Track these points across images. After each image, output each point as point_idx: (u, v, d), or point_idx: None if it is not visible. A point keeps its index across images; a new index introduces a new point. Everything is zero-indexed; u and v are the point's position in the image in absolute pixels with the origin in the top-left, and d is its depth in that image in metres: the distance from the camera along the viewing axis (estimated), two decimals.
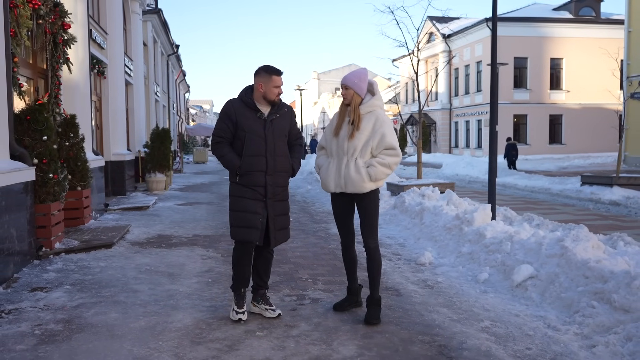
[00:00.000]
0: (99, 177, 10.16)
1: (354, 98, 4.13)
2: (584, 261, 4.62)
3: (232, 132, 4.02)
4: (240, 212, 3.98)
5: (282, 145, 4.09)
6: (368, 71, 4.28)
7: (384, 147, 4.10)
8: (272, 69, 4.04)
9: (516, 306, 4.52)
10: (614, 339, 3.62)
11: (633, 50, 23.56)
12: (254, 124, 3.98)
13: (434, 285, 5.19)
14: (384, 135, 4.08)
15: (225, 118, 4.03)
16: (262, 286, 4.23)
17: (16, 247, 5.50)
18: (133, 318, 4.14)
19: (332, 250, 6.77)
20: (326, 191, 4.25)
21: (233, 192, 4.08)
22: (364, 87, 4.16)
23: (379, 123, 4.10)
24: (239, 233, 4.00)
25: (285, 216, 4.16)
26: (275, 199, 4.05)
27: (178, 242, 7.32)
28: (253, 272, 4.22)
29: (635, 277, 4.06)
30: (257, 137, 3.96)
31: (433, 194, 9.02)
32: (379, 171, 4.05)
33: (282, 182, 4.10)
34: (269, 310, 4.18)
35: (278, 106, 4.10)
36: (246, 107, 4.01)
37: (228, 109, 4.03)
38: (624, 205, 11.45)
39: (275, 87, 4.01)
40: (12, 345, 3.57)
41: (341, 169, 4.10)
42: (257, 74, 4.05)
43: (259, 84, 4.01)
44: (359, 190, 4.07)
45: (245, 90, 4.12)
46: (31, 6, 6.51)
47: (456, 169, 22.01)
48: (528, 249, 5.39)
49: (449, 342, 3.70)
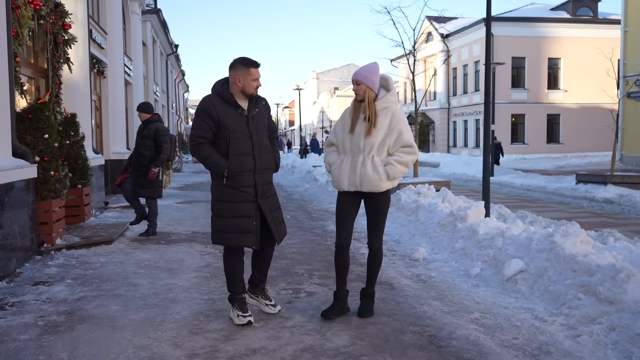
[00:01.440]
0: (98, 175, 10.28)
1: (368, 93, 3.97)
2: (572, 255, 4.74)
3: (213, 131, 3.78)
4: (231, 218, 3.78)
5: (266, 141, 3.94)
6: (379, 65, 4.12)
7: (402, 144, 3.99)
8: (250, 61, 3.82)
9: (506, 299, 4.64)
10: (598, 329, 3.75)
11: (629, 50, 23.72)
12: (237, 121, 3.78)
13: (427, 280, 5.32)
14: (401, 132, 3.97)
15: (206, 117, 3.76)
16: (262, 280, 4.15)
17: (18, 243, 5.62)
18: (133, 310, 4.27)
19: (329, 247, 6.89)
20: (338, 189, 4.11)
21: (218, 196, 3.85)
22: (376, 81, 4.01)
23: (395, 120, 3.97)
24: (233, 239, 3.81)
25: (279, 210, 4.06)
26: (265, 197, 3.91)
27: (177, 239, 7.45)
28: (254, 268, 4.13)
29: (620, 270, 4.18)
30: (243, 135, 3.78)
31: (428, 191, 9.14)
32: (397, 170, 3.95)
33: (269, 179, 3.98)
34: (270, 305, 4.12)
35: (256, 100, 3.91)
36: (226, 104, 3.79)
37: (207, 107, 3.78)
38: (617, 203, 11.61)
39: (254, 80, 3.82)
40: (17, 335, 3.69)
41: (357, 167, 3.96)
42: (233, 67, 3.83)
43: (237, 77, 3.79)
44: (375, 190, 3.97)
45: (222, 85, 3.87)
46: (33, 7, 6.64)
47: (453, 168, 22.16)
48: (519, 244, 5.51)
49: (439, 333, 3.83)
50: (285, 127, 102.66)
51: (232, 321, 3.94)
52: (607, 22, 34.73)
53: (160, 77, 25.68)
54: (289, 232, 7.79)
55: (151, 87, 21.33)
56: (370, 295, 4.19)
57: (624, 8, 24.01)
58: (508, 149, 34.33)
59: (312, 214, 10.13)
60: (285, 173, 19.92)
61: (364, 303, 4.17)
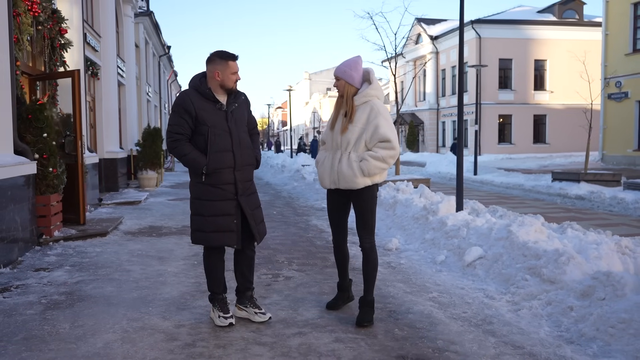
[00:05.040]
0: (93, 173, 10.72)
1: (347, 88, 3.90)
2: (524, 242, 5.27)
3: (191, 127, 3.68)
4: (210, 217, 3.70)
5: (246, 137, 3.84)
6: (361, 59, 4.02)
7: (378, 139, 3.83)
8: (228, 54, 3.72)
9: (464, 281, 5.16)
10: (537, 304, 4.28)
11: (610, 52, 24.39)
12: (215, 117, 3.68)
13: (396, 266, 5.82)
14: (378, 126, 3.82)
15: (183, 112, 3.66)
16: (248, 287, 3.97)
17: (20, 234, 6.08)
18: (127, 291, 4.75)
19: (310, 239, 7.39)
20: (322, 187, 4.06)
21: (197, 194, 3.78)
22: (356, 76, 3.90)
23: (373, 114, 3.85)
24: (213, 239, 3.72)
25: (259, 209, 3.95)
26: (246, 194, 3.82)
27: (168, 232, 7.92)
28: (237, 274, 3.97)
29: (562, 254, 4.71)
30: (222, 131, 3.68)
31: (407, 188, 9.66)
32: (372, 165, 3.81)
33: (249, 176, 3.87)
34: (259, 314, 3.92)
35: (235, 95, 3.81)
36: (204, 99, 3.69)
37: (184, 102, 3.66)
38: (588, 199, 12.21)
39: (233, 74, 3.72)
40: (23, 310, 4.17)
41: (335, 164, 3.91)
42: (211, 61, 3.72)
43: (215, 72, 3.69)
44: (352, 186, 3.87)
45: (199, 79, 3.76)
46: (32, 14, 7.09)
47: (439, 167, 22.74)
48: (481, 233, 6.03)
49: (399, 308, 4.33)
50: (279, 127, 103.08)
51: (213, 322, 3.87)
52: (592, 25, 35.46)
53: (153, 78, 26.09)
54: (273, 226, 8.30)
55: (144, 88, 21.75)
56: (369, 304, 3.99)
57: (604, 12, 24.71)
58: (495, 149, 35.04)
59: (298, 209, 10.62)
60: (275, 172, 20.40)
61: (363, 312, 3.96)
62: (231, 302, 4.07)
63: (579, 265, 4.56)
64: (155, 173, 15.33)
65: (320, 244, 6.96)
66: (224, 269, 3.94)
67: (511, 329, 3.87)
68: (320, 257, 6.23)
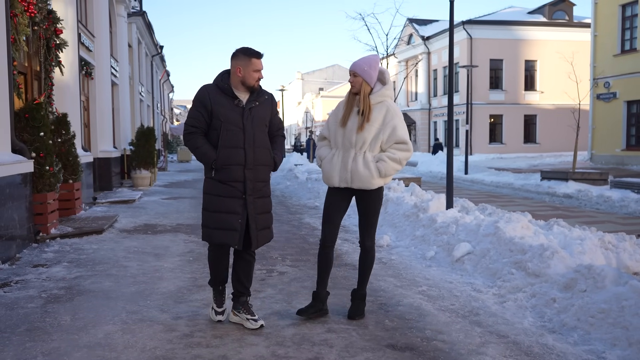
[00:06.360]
0: (87, 172, 10.81)
1: (363, 87, 3.85)
2: (510, 238, 5.45)
3: (206, 121, 3.66)
4: (215, 213, 3.68)
5: (262, 136, 3.74)
6: (379, 58, 4.04)
7: (395, 140, 3.84)
8: (252, 51, 3.68)
9: (452, 276, 5.32)
10: (522, 296, 4.45)
11: (599, 53, 24.71)
12: (231, 112, 3.63)
13: (387, 262, 5.98)
14: (395, 128, 3.83)
15: (200, 106, 3.66)
16: (243, 292, 3.88)
17: (17, 231, 6.18)
18: (125, 286, 4.87)
19: (302, 236, 7.53)
20: (328, 185, 3.99)
21: (208, 189, 3.75)
22: (374, 75, 3.87)
23: (390, 115, 3.84)
24: (215, 236, 3.70)
25: (267, 214, 3.81)
26: (255, 196, 3.70)
27: (163, 230, 8.04)
28: (233, 278, 3.90)
29: (547, 249, 4.88)
30: (235, 127, 3.62)
31: (398, 186, 9.83)
32: (390, 167, 3.81)
33: (263, 177, 3.75)
34: (251, 320, 3.80)
35: (258, 93, 3.73)
36: (222, 94, 3.66)
37: (202, 96, 3.66)
38: (575, 197, 12.45)
39: (255, 72, 3.65)
40: (24, 304, 4.29)
41: (348, 163, 3.84)
42: (235, 57, 3.68)
43: (237, 67, 3.65)
44: (366, 187, 3.84)
45: (222, 75, 3.75)
46: (28, 15, 7.18)
47: (430, 167, 22.96)
48: (469, 230, 6.21)
49: (389, 301, 4.49)
50: None
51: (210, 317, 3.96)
52: (581, 26, 35.83)
53: (146, 78, 26.12)
54: None
55: (137, 88, 21.80)
56: (361, 297, 4.09)
57: (593, 13, 25.02)
58: (486, 149, 35.33)
59: (291, 208, 10.76)
60: None
61: (355, 304, 4.06)
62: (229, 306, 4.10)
63: (562, 260, 4.73)
64: (148, 172, 15.41)
65: (313, 241, 7.11)
66: (227, 265, 3.93)
67: (496, 319, 4.04)
68: (313, 253, 6.36)
